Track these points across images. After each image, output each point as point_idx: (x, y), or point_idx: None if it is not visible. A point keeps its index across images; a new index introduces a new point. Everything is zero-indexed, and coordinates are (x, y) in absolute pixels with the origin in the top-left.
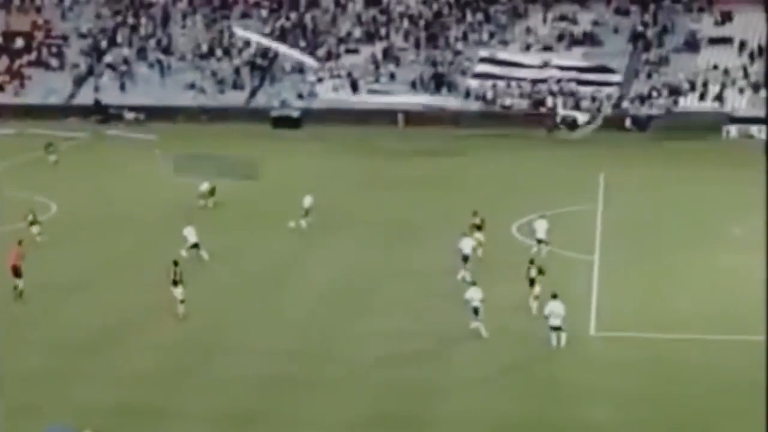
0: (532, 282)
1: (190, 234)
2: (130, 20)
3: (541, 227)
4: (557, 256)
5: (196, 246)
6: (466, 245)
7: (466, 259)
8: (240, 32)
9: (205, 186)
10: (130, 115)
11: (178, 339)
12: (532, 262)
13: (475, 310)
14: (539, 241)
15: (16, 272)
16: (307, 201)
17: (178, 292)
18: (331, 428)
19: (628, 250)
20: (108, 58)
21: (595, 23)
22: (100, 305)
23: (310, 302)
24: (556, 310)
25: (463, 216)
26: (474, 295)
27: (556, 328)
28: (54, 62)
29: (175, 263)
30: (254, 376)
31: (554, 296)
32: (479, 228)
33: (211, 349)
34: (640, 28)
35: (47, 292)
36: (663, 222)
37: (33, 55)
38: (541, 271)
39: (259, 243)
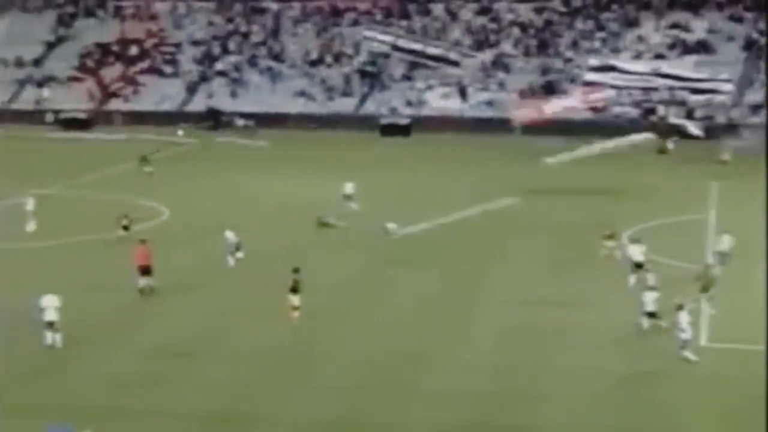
0: (704, 289)
1: (231, 236)
2: (242, 28)
3: (726, 242)
4: (667, 266)
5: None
6: (635, 252)
7: (638, 266)
8: None
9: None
10: (240, 122)
11: (276, 346)
12: (707, 268)
13: (651, 314)
14: (722, 255)
15: (146, 271)
16: (391, 227)
17: (296, 299)
18: None
19: (739, 260)
20: (220, 66)
21: (709, 31)
22: (201, 310)
23: (409, 309)
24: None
25: (573, 226)
26: (650, 297)
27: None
28: (167, 69)
29: (296, 270)
30: (350, 383)
31: (680, 307)
32: (611, 237)
33: (309, 357)
34: (755, 36)
35: (153, 295)
36: None
37: (147, 62)
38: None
39: (360, 250)
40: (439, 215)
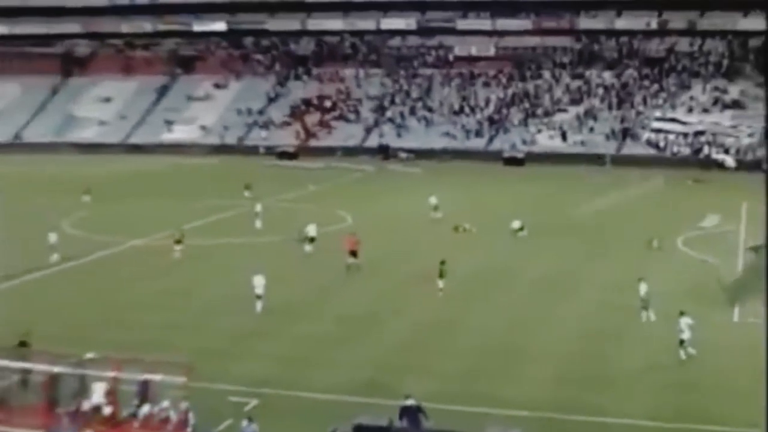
0: None
1: (311, 229)
2: (405, 87)
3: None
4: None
5: (312, 240)
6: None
7: None
8: None
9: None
10: (403, 155)
11: (425, 316)
12: None
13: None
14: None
15: (354, 254)
16: (516, 223)
17: (440, 283)
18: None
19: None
20: (389, 114)
21: (742, 93)
22: (376, 288)
23: (526, 291)
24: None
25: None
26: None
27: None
28: (351, 116)
29: (442, 262)
30: (476, 345)
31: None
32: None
33: (450, 326)
34: None
35: (347, 276)
36: None
37: (337, 112)
38: None
39: (489, 247)
40: (546, 219)
